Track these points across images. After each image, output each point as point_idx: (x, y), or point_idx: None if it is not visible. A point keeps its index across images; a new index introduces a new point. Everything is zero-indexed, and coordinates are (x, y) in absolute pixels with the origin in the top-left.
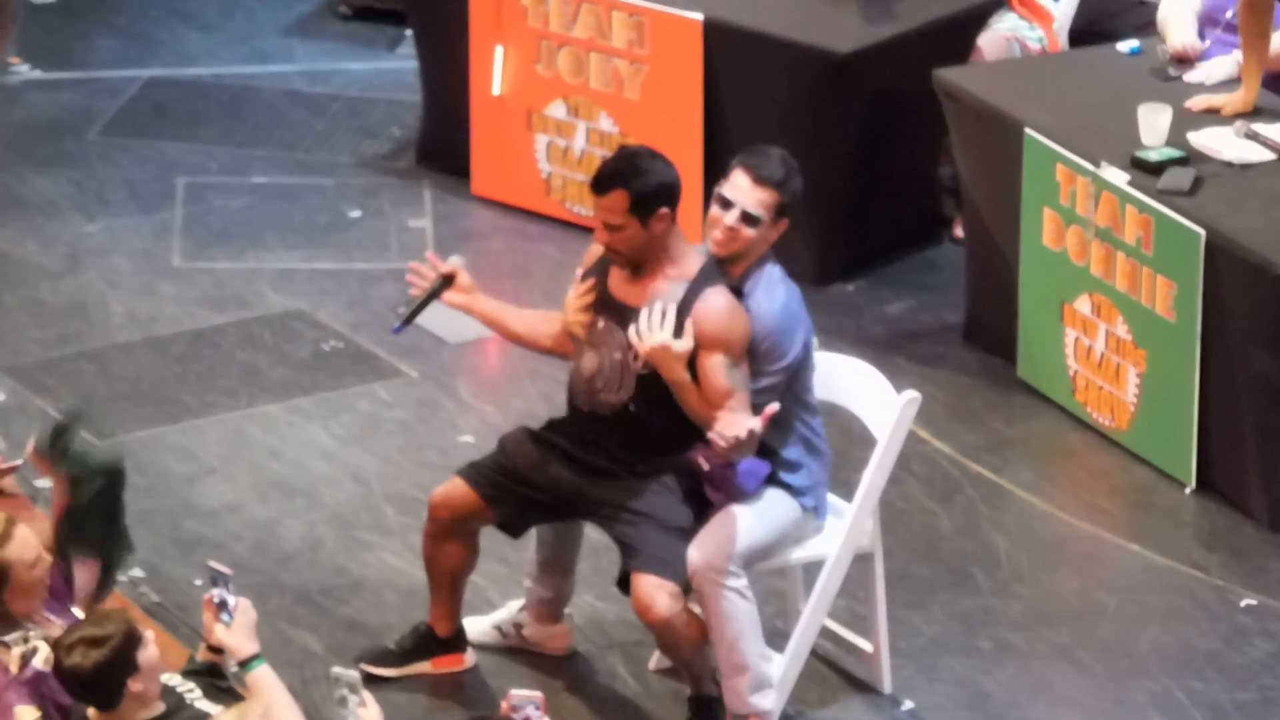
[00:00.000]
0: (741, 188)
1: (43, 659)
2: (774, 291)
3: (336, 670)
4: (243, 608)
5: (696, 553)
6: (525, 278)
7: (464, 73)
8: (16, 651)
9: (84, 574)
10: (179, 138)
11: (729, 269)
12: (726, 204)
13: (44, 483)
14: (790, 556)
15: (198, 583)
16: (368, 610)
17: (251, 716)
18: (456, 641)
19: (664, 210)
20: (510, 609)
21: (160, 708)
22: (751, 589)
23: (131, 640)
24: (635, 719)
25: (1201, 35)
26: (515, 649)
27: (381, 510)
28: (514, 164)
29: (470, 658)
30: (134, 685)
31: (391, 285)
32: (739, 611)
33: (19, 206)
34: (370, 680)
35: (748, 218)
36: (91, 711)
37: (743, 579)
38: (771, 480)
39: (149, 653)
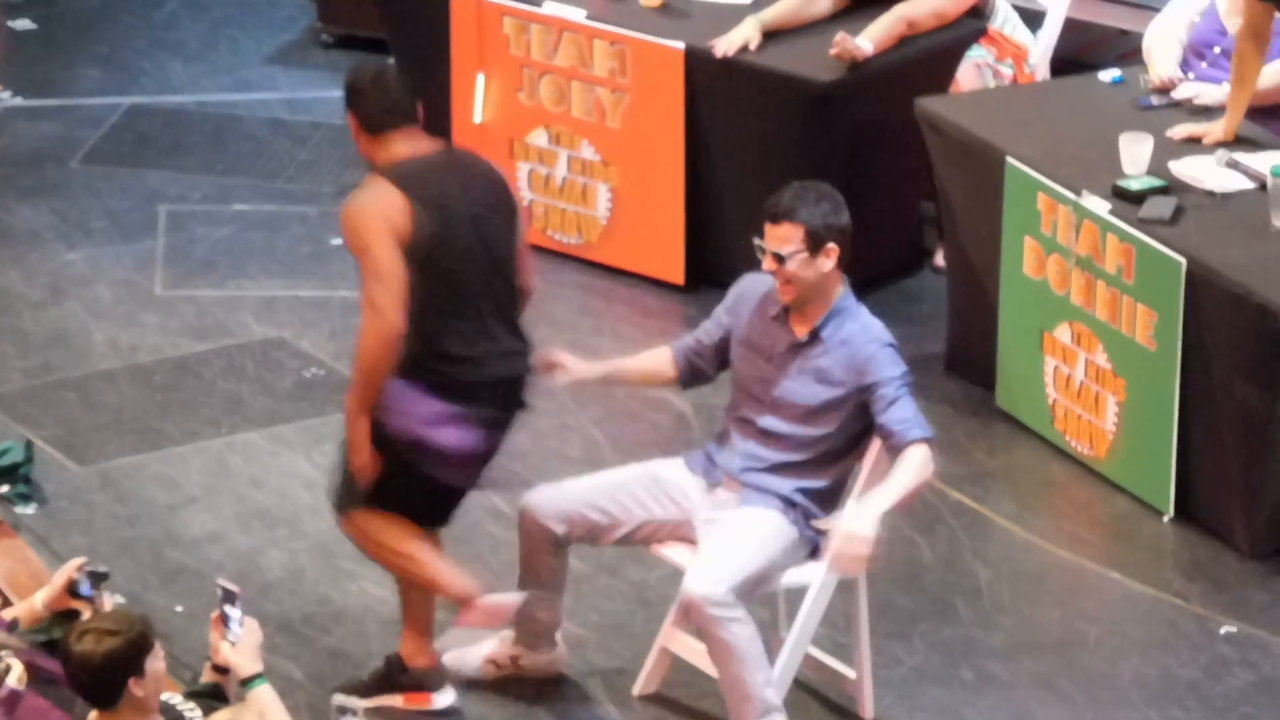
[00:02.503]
0: (767, 234)
1: (16, 677)
2: (861, 314)
3: (339, 698)
4: (249, 627)
5: (693, 585)
6: None
7: (446, 101)
8: None
9: None
10: (161, 166)
11: (807, 313)
12: (764, 252)
13: (27, 510)
14: (780, 582)
15: (179, 609)
16: (350, 639)
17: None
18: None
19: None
20: (504, 639)
21: None
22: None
23: (144, 641)
24: None
25: (1187, 67)
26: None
27: None
28: None
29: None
30: (135, 688)
31: None
32: (740, 640)
33: (1, 236)
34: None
35: (778, 258)
36: (91, 717)
37: (742, 609)
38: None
39: (156, 663)
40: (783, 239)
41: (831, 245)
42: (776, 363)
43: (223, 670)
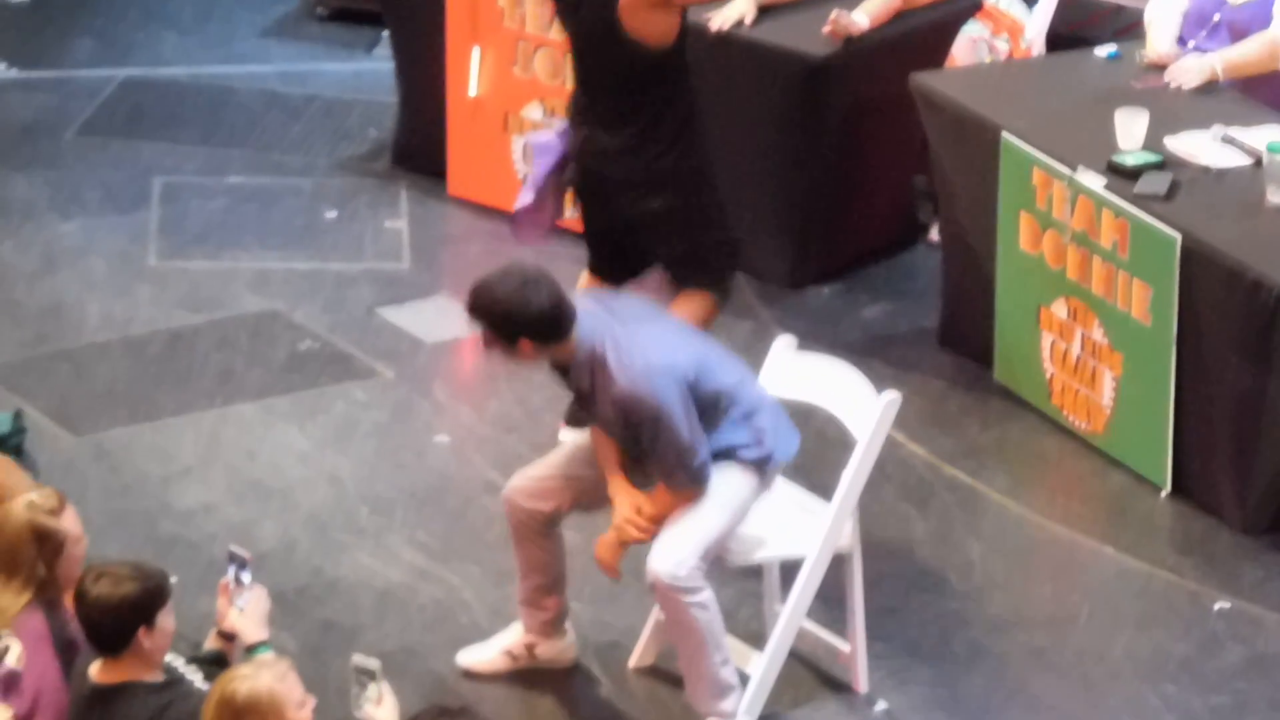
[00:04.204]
0: None
1: (15, 657)
2: (607, 357)
3: (357, 658)
4: (258, 594)
5: (657, 565)
6: None
7: (441, 74)
8: None
9: None
10: (155, 138)
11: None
12: None
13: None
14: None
15: (173, 580)
16: (343, 610)
17: (272, 665)
18: None
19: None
20: (516, 631)
21: (160, 676)
22: (720, 593)
23: (160, 593)
24: (613, 718)
25: (1187, 36)
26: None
27: (357, 511)
28: (491, 165)
29: None
30: (144, 639)
31: (367, 286)
32: (699, 625)
33: None
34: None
35: (484, 343)
36: (93, 667)
37: (705, 591)
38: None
39: (168, 619)
40: (480, 329)
41: (521, 339)
42: (583, 406)
43: (228, 637)
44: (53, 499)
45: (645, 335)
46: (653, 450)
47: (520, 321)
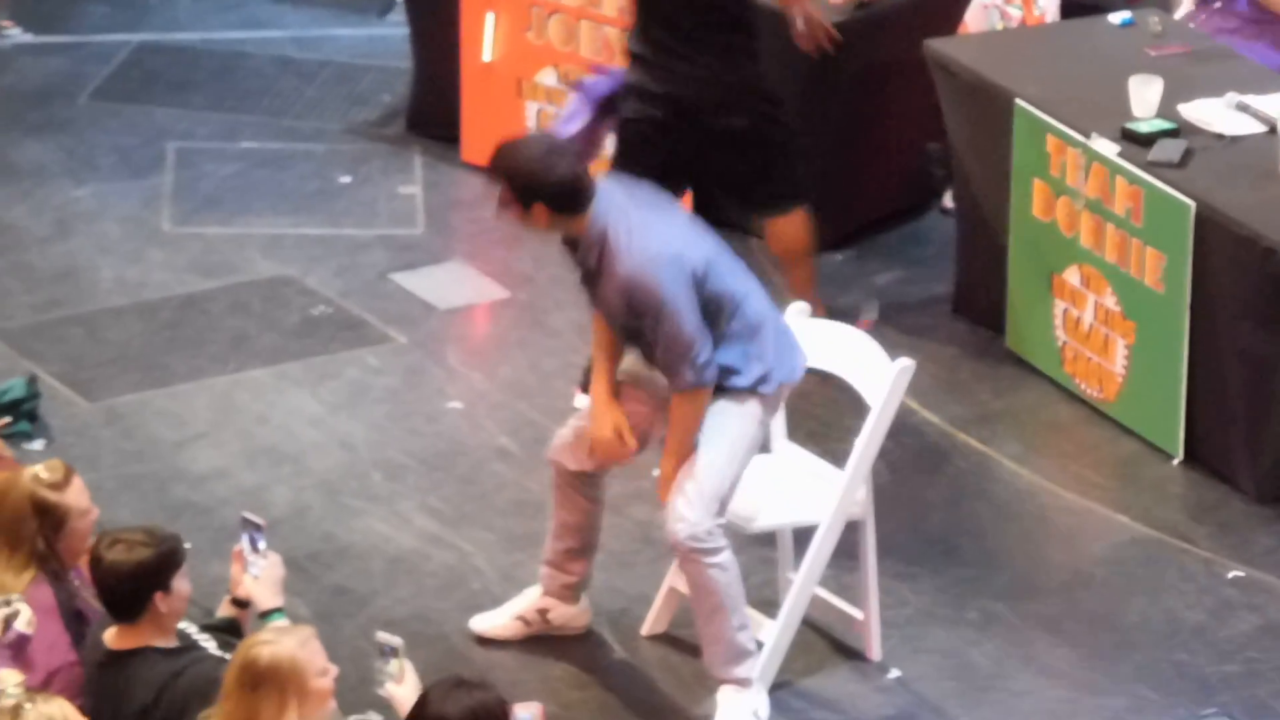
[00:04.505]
0: None
1: (25, 621)
2: (617, 236)
3: (381, 634)
4: (273, 561)
5: (677, 524)
6: (515, 245)
7: (455, 40)
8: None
9: None
10: (169, 103)
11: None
12: None
13: (33, 445)
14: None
15: (186, 546)
16: (355, 576)
17: (295, 631)
18: None
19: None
20: (529, 596)
21: (174, 641)
22: (738, 557)
23: (175, 557)
24: (626, 685)
25: (1203, 6)
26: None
27: (369, 476)
28: (505, 131)
29: None
30: (160, 603)
31: (380, 251)
32: (718, 586)
33: (8, 171)
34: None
35: (500, 204)
36: (108, 633)
37: (726, 552)
38: (721, 389)
39: (183, 583)
40: (499, 188)
41: (538, 204)
42: (586, 287)
43: (241, 604)
44: (59, 472)
45: (660, 223)
46: (655, 341)
47: (540, 187)
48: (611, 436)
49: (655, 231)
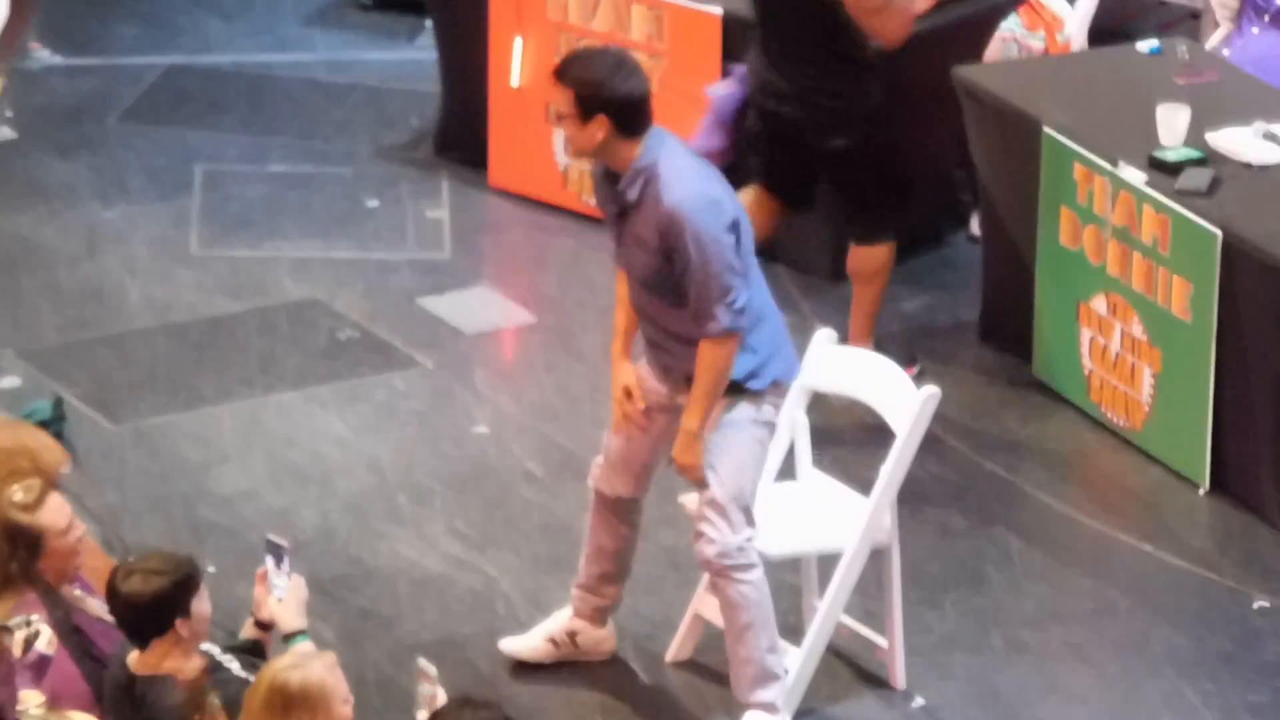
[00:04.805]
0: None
1: (46, 642)
2: (669, 166)
3: (422, 661)
4: (296, 583)
5: (705, 545)
6: (542, 269)
7: (483, 64)
8: (20, 635)
9: None
10: (198, 125)
11: (620, 172)
12: None
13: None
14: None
15: (211, 569)
16: (380, 599)
17: (320, 656)
18: None
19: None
20: (559, 619)
21: (200, 663)
22: (766, 581)
23: (191, 582)
24: (651, 711)
25: (1246, 23)
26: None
27: (395, 500)
28: (532, 156)
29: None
30: (181, 629)
31: (408, 275)
32: (750, 604)
33: (38, 192)
34: None
35: (559, 116)
36: (132, 656)
37: (757, 569)
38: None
39: (202, 604)
40: (558, 99)
41: (601, 116)
42: (616, 229)
43: (265, 626)
44: (33, 492)
45: (708, 172)
46: (689, 282)
47: (607, 97)
48: (620, 395)
49: (704, 175)
